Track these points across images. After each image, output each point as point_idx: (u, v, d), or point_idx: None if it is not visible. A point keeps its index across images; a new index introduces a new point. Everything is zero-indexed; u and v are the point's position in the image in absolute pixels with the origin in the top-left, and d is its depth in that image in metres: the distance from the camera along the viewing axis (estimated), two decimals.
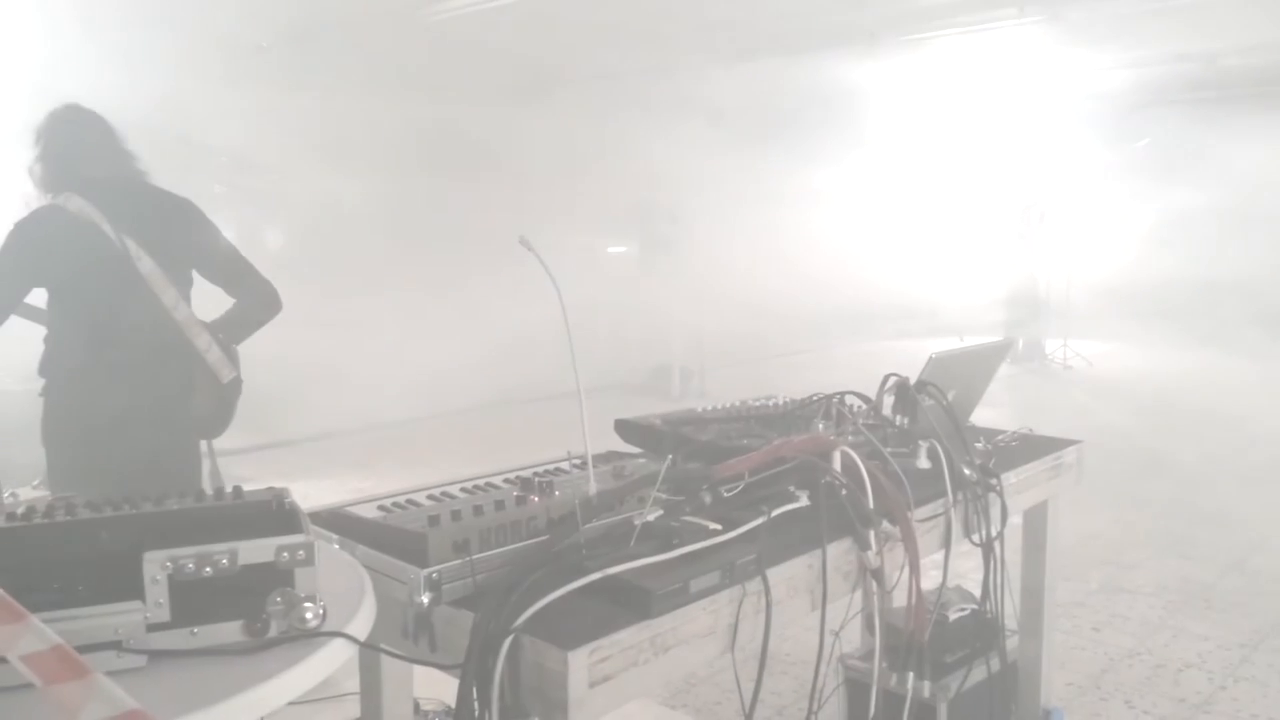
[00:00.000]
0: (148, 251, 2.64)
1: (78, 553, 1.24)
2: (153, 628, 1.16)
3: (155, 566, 1.15)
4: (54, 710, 0.70)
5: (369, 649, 1.35)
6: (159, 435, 2.70)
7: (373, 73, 8.17)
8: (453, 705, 2.95)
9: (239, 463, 6.10)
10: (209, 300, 2.92)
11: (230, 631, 1.19)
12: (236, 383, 2.87)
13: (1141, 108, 11.26)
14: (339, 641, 1.24)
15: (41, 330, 2.79)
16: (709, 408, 2.37)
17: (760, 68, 8.61)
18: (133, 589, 1.17)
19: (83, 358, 2.65)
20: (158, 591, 1.15)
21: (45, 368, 2.72)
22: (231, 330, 2.88)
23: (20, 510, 1.33)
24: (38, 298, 2.72)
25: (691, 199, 9.50)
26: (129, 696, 0.65)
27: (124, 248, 2.60)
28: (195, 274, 2.86)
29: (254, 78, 7.51)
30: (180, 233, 2.77)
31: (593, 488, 1.71)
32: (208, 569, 1.17)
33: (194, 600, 1.17)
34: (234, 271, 2.89)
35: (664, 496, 1.76)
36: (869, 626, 2.61)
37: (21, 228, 2.61)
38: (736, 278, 9.40)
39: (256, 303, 2.91)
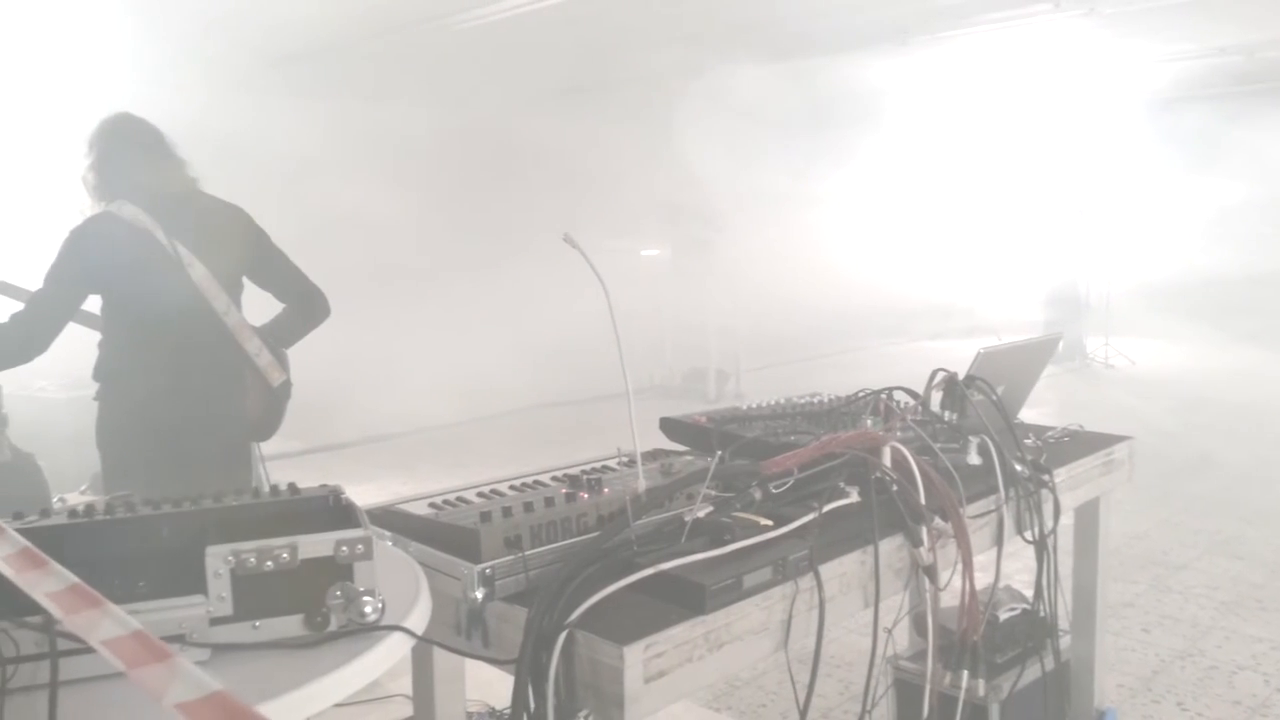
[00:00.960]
0: (199, 258, 2.67)
1: (139, 548, 1.26)
2: (215, 621, 1.17)
3: (218, 560, 1.16)
4: (141, 693, 0.71)
5: (426, 643, 1.35)
6: (212, 437, 2.73)
7: (408, 80, 8.25)
8: (496, 707, 2.96)
9: (280, 467, 6.17)
10: (258, 306, 2.95)
11: (291, 625, 1.20)
12: (286, 386, 2.91)
13: (1181, 101, 11.09)
14: (397, 636, 1.24)
15: (89, 338, 2.82)
16: (753, 405, 2.36)
17: (792, 68, 8.56)
18: (192, 584, 1.18)
19: (136, 362, 2.69)
20: (220, 585, 1.16)
21: (100, 372, 2.76)
22: (282, 335, 2.92)
23: (81, 508, 1.35)
24: (93, 304, 2.76)
25: (725, 200, 9.48)
26: (211, 678, 0.66)
27: (176, 254, 2.64)
28: (246, 279, 2.90)
29: (292, 87, 7.62)
30: (231, 239, 2.81)
31: (642, 484, 1.71)
32: (269, 563, 1.18)
33: (255, 594, 1.18)
34: (284, 277, 2.92)
35: (713, 493, 1.75)
36: (917, 627, 2.59)
37: (76, 235, 2.65)
38: (771, 279, 9.37)
39: (306, 308, 2.95)
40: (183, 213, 2.72)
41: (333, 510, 1.34)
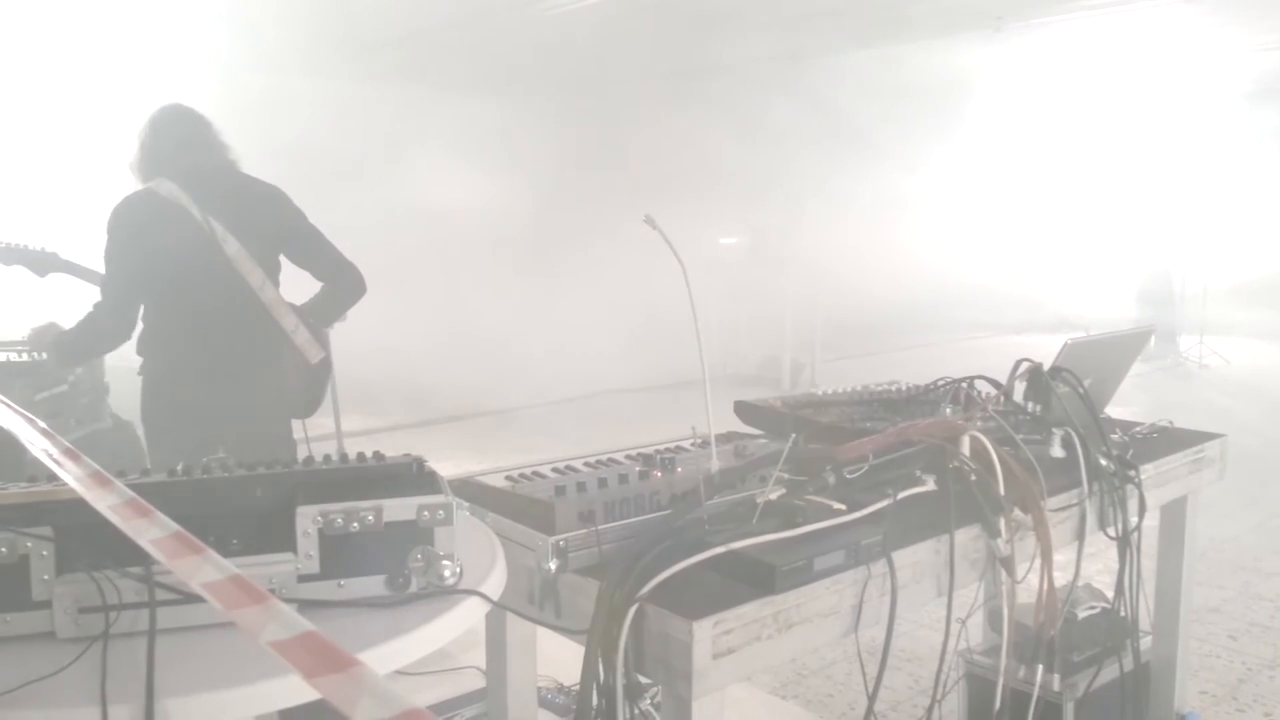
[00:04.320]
0: (234, 234, 2.69)
1: (234, 507, 1.31)
2: (303, 578, 1.22)
3: (307, 520, 1.21)
4: (231, 644, 0.75)
5: (500, 612, 1.38)
6: (249, 413, 2.73)
7: (498, 66, 8.35)
8: (561, 682, 3.01)
9: (360, 443, 6.34)
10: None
11: (374, 585, 1.24)
12: (326, 363, 2.90)
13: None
14: (474, 600, 1.28)
15: None
16: (829, 391, 2.34)
17: (878, 55, 8.42)
18: (282, 542, 1.24)
19: (173, 336, 2.73)
20: (308, 544, 1.21)
21: (142, 347, 2.80)
22: (320, 313, 2.92)
23: (180, 467, 1.41)
24: None
25: (805, 188, 9.38)
26: (305, 620, 0.70)
27: (210, 230, 2.66)
28: (284, 259, 2.90)
29: (382, 73, 7.78)
30: (266, 216, 2.82)
31: (715, 465, 1.72)
32: (355, 524, 1.22)
33: (341, 554, 1.23)
34: (319, 255, 2.90)
35: (786, 476, 1.75)
36: (990, 621, 2.54)
37: (114, 214, 2.72)
38: (851, 270, 9.25)
39: (341, 284, 2.93)
40: (219, 190, 2.74)
41: (416, 478, 1.39)
